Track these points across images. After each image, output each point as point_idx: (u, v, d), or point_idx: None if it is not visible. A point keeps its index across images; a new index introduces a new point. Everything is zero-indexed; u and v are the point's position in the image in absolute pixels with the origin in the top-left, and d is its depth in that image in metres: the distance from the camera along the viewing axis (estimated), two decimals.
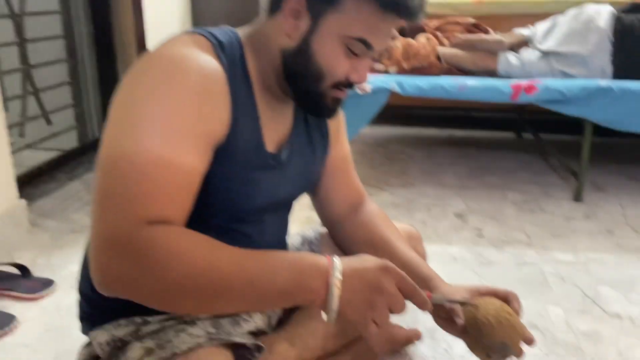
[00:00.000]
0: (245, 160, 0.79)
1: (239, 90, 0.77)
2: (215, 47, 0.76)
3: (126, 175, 0.65)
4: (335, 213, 1.03)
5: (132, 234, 0.63)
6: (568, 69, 2.14)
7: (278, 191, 0.88)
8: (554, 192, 2.16)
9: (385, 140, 2.87)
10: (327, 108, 0.82)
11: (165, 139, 0.67)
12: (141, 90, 0.69)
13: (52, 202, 2.02)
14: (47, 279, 1.44)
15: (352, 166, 1.05)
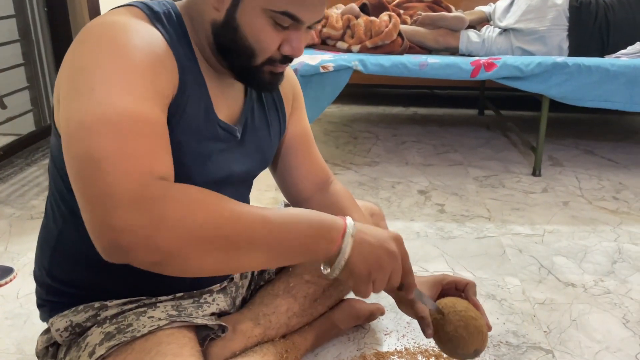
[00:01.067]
0: (196, 128, 0.78)
1: (183, 56, 0.76)
2: (150, 18, 0.75)
3: (109, 135, 0.61)
4: (300, 191, 1.03)
5: (144, 187, 0.59)
6: (526, 46, 2.18)
7: (233, 166, 0.87)
8: (513, 168, 2.22)
9: (350, 120, 2.88)
10: (265, 82, 0.80)
11: (131, 95, 0.65)
12: (91, 55, 0.67)
13: (9, 188, 1.96)
14: (6, 267, 1.41)
15: (313, 143, 1.04)
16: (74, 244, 0.83)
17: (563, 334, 1.19)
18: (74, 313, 0.84)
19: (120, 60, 0.66)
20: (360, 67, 1.98)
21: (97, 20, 0.72)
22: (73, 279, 0.85)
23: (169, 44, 0.74)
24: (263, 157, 0.94)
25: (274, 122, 0.95)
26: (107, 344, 0.77)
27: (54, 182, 0.83)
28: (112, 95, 0.64)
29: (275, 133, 0.96)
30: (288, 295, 1.04)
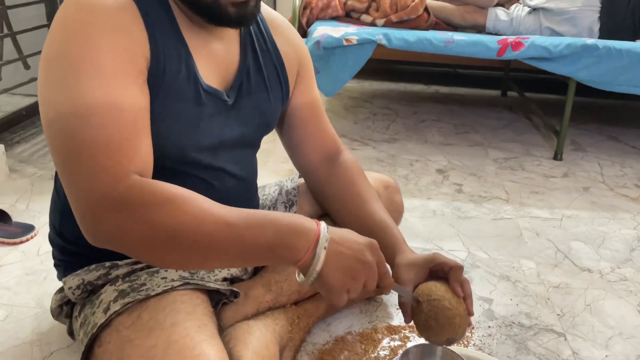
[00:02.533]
0: (178, 95, 0.76)
1: (154, 18, 0.74)
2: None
3: (83, 129, 0.64)
4: (309, 161, 1.02)
5: (115, 186, 0.63)
6: (556, 27, 2.13)
7: (225, 131, 0.85)
8: (535, 151, 2.18)
9: (370, 95, 2.85)
10: (234, 16, 0.76)
11: (102, 83, 0.66)
12: (61, 42, 0.68)
13: (31, 148, 1.99)
14: (27, 225, 1.44)
15: (323, 114, 1.02)
16: None
17: (576, 318, 1.18)
18: (86, 272, 0.86)
19: (92, 46, 0.67)
20: (385, 42, 1.95)
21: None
22: (81, 239, 0.86)
23: (138, 7, 0.72)
24: (263, 122, 0.92)
25: (275, 85, 0.92)
26: (122, 301, 0.78)
27: None
28: (81, 85, 0.65)
29: (276, 97, 0.93)
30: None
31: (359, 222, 0.97)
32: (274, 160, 1.96)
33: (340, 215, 1.02)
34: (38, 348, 1.03)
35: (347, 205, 0.99)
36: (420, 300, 0.83)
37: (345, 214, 1.00)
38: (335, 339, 1.07)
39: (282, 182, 1.14)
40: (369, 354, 1.03)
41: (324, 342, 1.06)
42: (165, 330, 0.72)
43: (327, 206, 1.05)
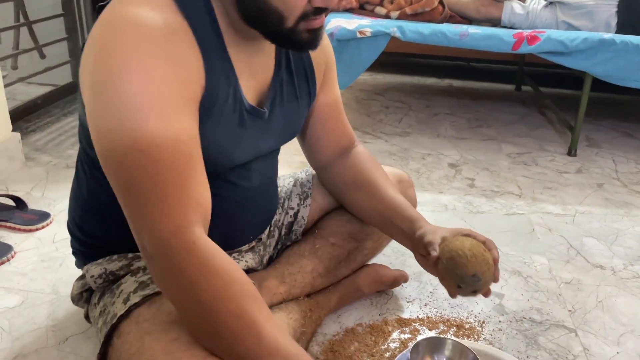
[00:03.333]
0: (225, 117, 0.76)
1: (208, 43, 0.73)
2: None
3: (143, 168, 0.64)
4: (325, 157, 1.03)
5: (173, 238, 0.65)
6: (573, 21, 2.10)
7: (260, 145, 0.87)
8: (548, 146, 2.16)
9: (383, 89, 2.84)
10: (305, 41, 0.76)
11: (161, 116, 0.65)
12: (112, 67, 0.65)
13: (46, 137, 2.01)
14: (43, 212, 1.46)
15: (341, 112, 1.03)
16: (102, 203, 0.84)
17: (588, 314, 1.18)
18: (108, 261, 0.87)
19: (148, 76, 0.65)
20: (399, 34, 1.94)
21: (119, 11, 0.67)
22: (103, 234, 0.88)
23: (194, 31, 0.71)
24: (291, 130, 0.93)
25: (304, 92, 0.92)
26: (142, 293, 0.79)
27: (83, 148, 0.84)
28: (140, 118, 0.64)
29: (304, 104, 0.93)
30: (314, 256, 1.05)
31: (373, 207, 0.98)
32: (287, 152, 1.96)
33: (354, 203, 1.03)
34: (53, 333, 1.05)
35: (361, 191, 1.00)
36: (455, 238, 0.83)
37: (360, 200, 1.01)
38: (345, 330, 1.08)
39: (297, 174, 1.14)
40: (378, 345, 1.03)
41: (334, 333, 1.07)
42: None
43: (341, 196, 1.05)
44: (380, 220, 0.98)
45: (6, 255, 1.27)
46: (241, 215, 0.91)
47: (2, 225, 1.41)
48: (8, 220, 1.41)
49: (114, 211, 0.83)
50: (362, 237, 1.09)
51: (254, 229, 0.97)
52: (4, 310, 1.11)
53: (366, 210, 1.01)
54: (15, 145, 1.72)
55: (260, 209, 0.96)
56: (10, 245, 1.31)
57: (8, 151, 1.69)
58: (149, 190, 0.65)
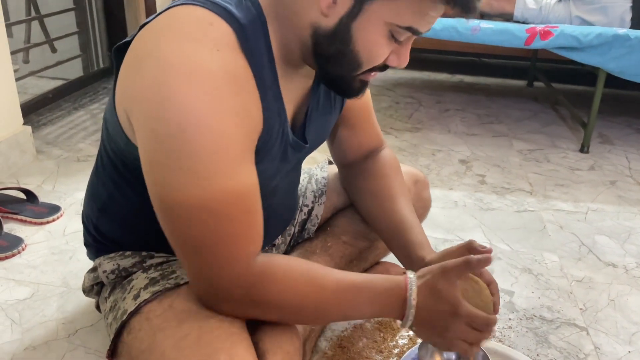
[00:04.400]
0: (272, 153, 0.76)
1: (266, 84, 0.70)
2: (238, 35, 0.66)
3: (209, 223, 0.64)
4: (351, 157, 1.03)
5: (240, 274, 0.67)
6: (586, 16, 2.07)
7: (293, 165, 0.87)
8: (561, 143, 2.14)
9: (393, 84, 2.82)
10: (354, 90, 0.76)
11: (225, 168, 0.64)
12: (176, 119, 0.61)
13: (57, 130, 2.02)
14: (53, 205, 1.47)
15: (372, 113, 1.02)
16: (122, 208, 0.84)
17: (599, 313, 1.17)
18: (121, 257, 0.86)
19: (214, 128, 0.62)
20: None
21: (178, 55, 0.62)
22: (119, 238, 0.87)
23: (254, 71, 0.68)
24: (321, 138, 0.92)
25: (338, 102, 0.91)
26: (152, 289, 0.78)
27: (108, 155, 0.82)
28: (209, 178, 0.63)
29: (336, 112, 0.93)
30: (325, 254, 1.04)
31: (381, 217, 0.97)
32: None
33: (367, 209, 1.01)
34: (63, 326, 1.06)
35: (375, 199, 0.99)
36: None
37: (372, 208, 1.00)
38: (354, 326, 1.07)
39: (312, 171, 1.14)
40: (387, 342, 1.03)
41: (342, 329, 1.06)
42: (198, 321, 0.71)
43: (356, 199, 1.05)
44: (387, 235, 0.96)
45: (17, 247, 1.28)
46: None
47: (13, 218, 1.42)
48: (19, 213, 1.42)
49: (133, 217, 0.83)
50: (374, 236, 1.08)
51: (271, 238, 0.98)
52: (15, 303, 1.11)
53: (374, 219, 0.99)
54: (26, 139, 1.73)
55: (281, 216, 0.97)
56: (21, 238, 1.32)
57: (19, 144, 1.70)
58: (215, 243, 0.66)
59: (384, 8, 0.65)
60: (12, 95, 1.68)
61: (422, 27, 0.68)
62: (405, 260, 0.92)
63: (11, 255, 1.26)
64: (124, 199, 0.83)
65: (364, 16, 0.66)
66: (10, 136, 1.66)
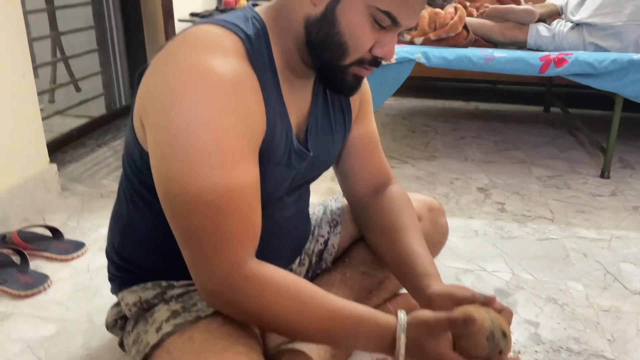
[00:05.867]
0: (277, 157, 0.79)
1: (269, 87, 0.76)
2: (245, 44, 0.74)
3: (209, 216, 0.68)
4: (360, 192, 1.03)
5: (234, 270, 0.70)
6: (600, 42, 2.08)
7: (296, 178, 0.88)
8: (580, 168, 2.12)
9: (409, 113, 2.84)
10: (347, 84, 0.79)
11: (229, 168, 0.68)
12: (183, 117, 0.67)
13: (81, 167, 2.07)
14: (78, 242, 1.49)
15: (378, 145, 1.03)
16: (141, 229, 0.87)
17: (628, 343, 1.14)
18: (143, 289, 0.88)
19: (218, 127, 0.68)
20: (424, 60, 1.95)
21: (191, 57, 0.69)
22: (140, 261, 0.89)
23: (258, 77, 0.74)
24: (325, 162, 0.94)
25: (339, 126, 0.94)
26: (174, 322, 0.80)
27: (127, 174, 0.86)
28: (210, 171, 0.67)
29: (338, 138, 0.95)
30: (344, 286, 1.04)
31: (391, 251, 0.96)
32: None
33: (375, 244, 1.01)
34: None
35: (385, 234, 0.98)
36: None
37: (381, 242, 0.99)
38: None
39: (327, 202, 1.15)
40: None
41: None
42: (216, 354, 0.73)
43: (366, 234, 1.04)
44: (396, 268, 0.95)
45: (42, 284, 1.30)
46: (274, 246, 0.92)
47: (39, 255, 1.45)
48: (45, 250, 1.45)
49: (153, 238, 0.85)
50: None
51: (285, 259, 0.98)
52: (41, 340, 1.13)
53: (383, 253, 0.99)
54: (52, 177, 1.78)
55: (292, 239, 0.97)
56: (47, 275, 1.34)
57: (45, 182, 1.75)
58: (209, 235, 0.69)
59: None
60: (39, 134, 1.74)
61: (403, 17, 0.73)
62: (412, 291, 0.91)
63: (37, 292, 1.29)
64: (143, 219, 0.85)
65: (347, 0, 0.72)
66: (37, 174, 1.71)
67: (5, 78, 1.58)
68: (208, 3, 3.10)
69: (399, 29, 0.75)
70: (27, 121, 1.68)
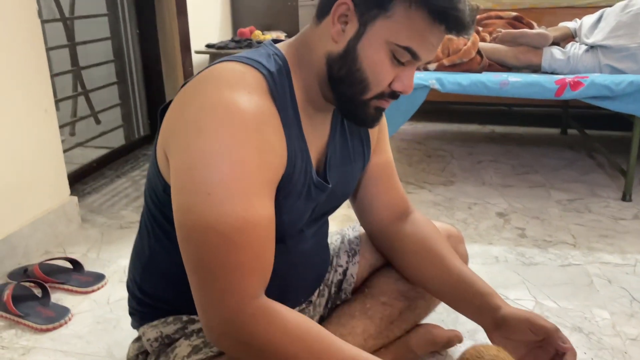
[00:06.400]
0: (296, 190, 0.80)
1: (290, 123, 0.77)
2: (268, 80, 0.76)
3: (220, 247, 0.68)
4: (377, 220, 1.03)
5: (240, 309, 0.68)
6: (616, 64, 2.07)
7: (316, 210, 0.89)
8: (601, 191, 2.09)
9: (424, 137, 2.84)
10: (369, 117, 0.81)
11: (247, 201, 0.69)
12: (204, 148, 0.69)
13: (101, 198, 2.10)
14: (98, 273, 1.51)
15: (394, 173, 1.04)
16: (164, 264, 0.87)
17: None
18: (164, 324, 0.88)
19: (237, 160, 0.69)
20: (438, 86, 1.96)
21: (214, 94, 0.71)
22: (162, 295, 0.90)
23: (280, 112, 0.75)
24: (344, 192, 0.95)
25: (358, 155, 0.95)
26: (195, 357, 0.80)
27: (149, 209, 0.87)
28: (225, 202, 0.68)
29: (357, 167, 0.96)
30: (364, 317, 1.03)
31: (439, 278, 0.97)
32: None
33: (415, 271, 1.01)
34: None
35: (424, 260, 0.99)
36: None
37: (423, 269, 1.00)
38: None
39: (344, 231, 1.15)
40: None
41: None
42: None
43: (397, 261, 1.04)
44: (448, 292, 0.96)
45: (64, 318, 1.31)
46: (294, 278, 0.91)
47: (60, 288, 1.46)
48: (66, 282, 1.46)
49: (175, 272, 0.85)
50: (413, 295, 1.07)
51: (305, 291, 0.97)
52: None
53: (427, 280, 0.99)
54: (72, 209, 1.80)
55: (312, 271, 0.97)
56: (68, 307, 1.35)
57: (66, 214, 1.77)
58: (219, 268, 0.68)
59: (384, 28, 0.73)
60: (60, 167, 1.77)
61: (422, 52, 0.75)
62: (474, 312, 0.92)
63: (58, 325, 1.29)
64: (166, 253, 0.86)
65: (367, 36, 0.74)
66: (58, 207, 1.74)
67: (29, 113, 1.62)
68: (223, 34, 3.17)
69: (418, 63, 0.77)
70: (49, 155, 1.72)
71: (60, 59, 2.46)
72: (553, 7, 2.73)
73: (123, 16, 2.47)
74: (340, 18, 0.76)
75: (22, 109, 1.60)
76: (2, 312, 1.33)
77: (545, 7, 2.74)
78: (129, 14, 2.48)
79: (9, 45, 1.53)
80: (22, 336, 1.27)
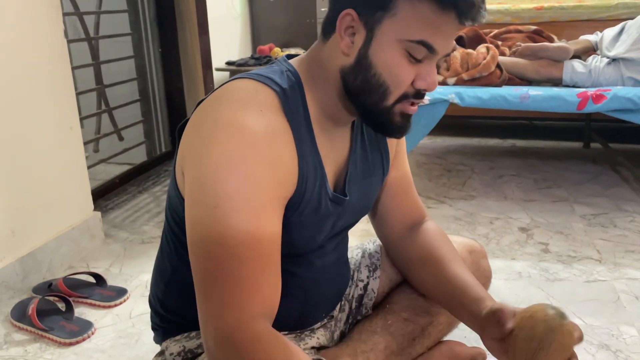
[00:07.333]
0: (311, 206, 0.79)
1: (303, 140, 0.77)
2: (280, 97, 0.76)
3: (225, 261, 0.68)
4: (394, 231, 1.02)
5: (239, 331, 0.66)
6: (638, 76, 2.04)
7: (336, 225, 0.88)
8: (626, 206, 2.05)
9: (443, 152, 2.83)
10: (396, 125, 0.79)
11: (254, 216, 0.68)
12: (213, 164, 0.70)
13: (123, 214, 2.13)
14: (120, 288, 1.52)
15: (411, 185, 1.03)
16: (186, 280, 0.87)
17: None
18: (187, 339, 0.88)
19: (247, 177, 0.69)
20: (457, 100, 1.95)
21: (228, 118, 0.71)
22: (185, 312, 0.90)
23: (292, 129, 0.75)
24: (365, 206, 0.94)
25: (377, 169, 0.94)
26: None
27: (170, 226, 0.88)
28: (231, 216, 0.67)
29: (377, 180, 0.95)
30: (386, 333, 1.02)
31: (439, 285, 0.95)
32: None
33: (420, 280, 1.00)
34: None
35: (427, 269, 0.98)
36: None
37: (425, 278, 0.98)
38: None
39: (365, 245, 1.14)
40: None
41: None
42: None
43: (408, 273, 1.03)
44: (447, 300, 0.94)
45: (87, 332, 1.32)
46: (315, 294, 0.91)
47: (83, 302, 1.48)
48: (89, 297, 1.48)
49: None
50: (435, 310, 1.05)
51: (327, 306, 0.97)
52: None
53: (431, 289, 0.98)
54: (96, 224, 1.83)
55: (333, 286, 0.97)
56: (91, 322, 1.36)
57: (90, 230, 1.80)
58: (222, 282, 0.68)
59: (392, 26, 0.72)
60: (84, 184, 1.80)
61: (437, 42, 0.72)
62: (471, 321, 0.89)
63: (82, 339, 1.31)
64: (187, 269, 0.85)
65: (377, 40, 0.73)
66: (82, 222, 1.77)
67: (54, 130, 1.66)
68: (243, 51, 3.21)
69: (436, 57, 0.74)
70: (73, 171, 1.75)
71: (85, 78, 2.52)
72: (573, 20, 2.71)
73: (146, 36, 2.53)
74: (346, 30, 0.75)
75: (49, 126, 1.64)
76: (27, 326, 1.35)
77: (565, 20, 2.73)
78: (151, 33, 2.54)
79: (37, 64, 1.58)
80: (46, 350, 1.28)
